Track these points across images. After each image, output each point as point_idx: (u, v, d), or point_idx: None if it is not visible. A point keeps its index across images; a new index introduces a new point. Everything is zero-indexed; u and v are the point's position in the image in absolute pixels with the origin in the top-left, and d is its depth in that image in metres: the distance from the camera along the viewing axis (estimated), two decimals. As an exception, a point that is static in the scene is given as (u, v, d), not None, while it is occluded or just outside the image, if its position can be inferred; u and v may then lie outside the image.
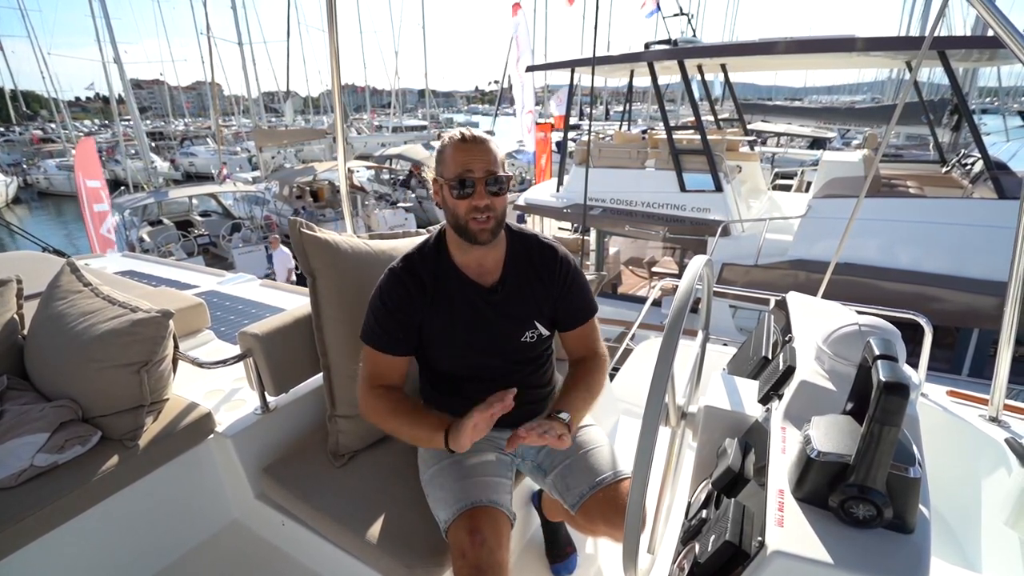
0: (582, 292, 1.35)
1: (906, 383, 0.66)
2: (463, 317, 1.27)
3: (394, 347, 1.27)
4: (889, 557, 0.70)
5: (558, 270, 1.32)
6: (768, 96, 49.34)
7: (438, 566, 1.21)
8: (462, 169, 1.14)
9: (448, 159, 1.17)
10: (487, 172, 1.15)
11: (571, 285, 1.33)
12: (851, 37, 6.75)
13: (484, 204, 1.15)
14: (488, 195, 1.16)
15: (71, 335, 1.47)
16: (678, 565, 0.90)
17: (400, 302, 1.24)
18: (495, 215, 1.18)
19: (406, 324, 1.26)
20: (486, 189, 1.15)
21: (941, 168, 7.84)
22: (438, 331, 1.28)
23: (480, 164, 1.15)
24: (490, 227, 1.18)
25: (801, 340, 1.15)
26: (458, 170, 1.15)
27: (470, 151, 1.15)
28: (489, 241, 1.20)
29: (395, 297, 1.24)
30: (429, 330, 1.28)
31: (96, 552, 1.41)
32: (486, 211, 1.16)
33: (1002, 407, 1.60)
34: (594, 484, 1.26)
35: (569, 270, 1.34)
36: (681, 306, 0.83)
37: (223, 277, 3.32)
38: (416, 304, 1.25)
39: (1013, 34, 1.21)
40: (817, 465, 0.76)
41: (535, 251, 1.33)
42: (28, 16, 27.60)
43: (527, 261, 1.31)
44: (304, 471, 1.50)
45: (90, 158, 9.44)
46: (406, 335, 1.27)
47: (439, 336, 1.28)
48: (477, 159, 1.15)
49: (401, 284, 1.25)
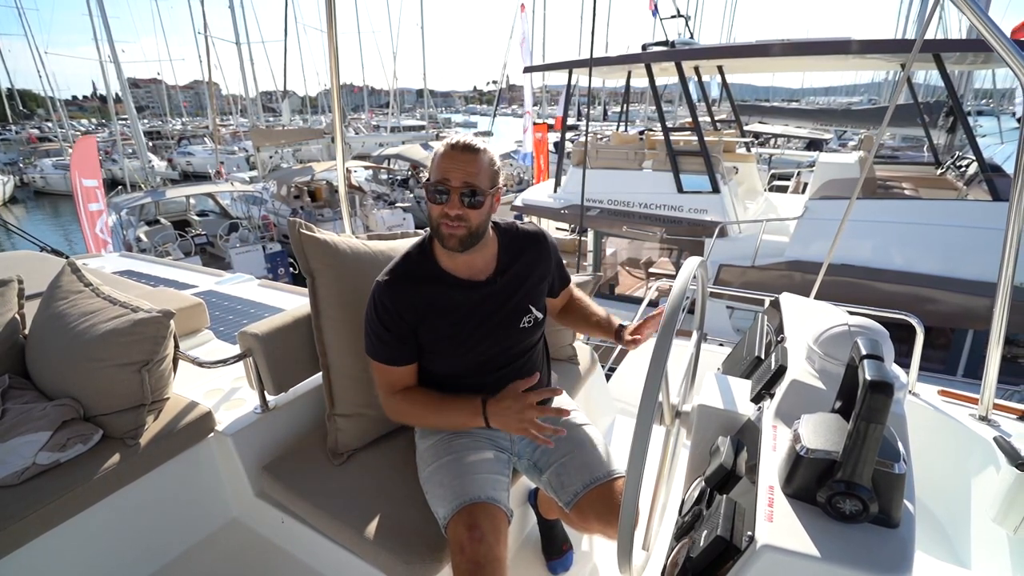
0: (561, 264, 1.52)
1: (891, 382, 0.68)
2: (456, 319, 1.29)
3: (398, 358, 1.30)
4: (875, 550, 0.72)
5: (548, 251, 1.44)
6: (765, 97, 49.42)
7: (437, 562, 1.23)
8: (441, 176, 1.17)
9: (435, 163, 1.20)
10: (464, 183, 1.17)
11: (557, 262, 1.49)
12: (846, 39, 6.78)
13: (455, 213, 1.18)
14: (461, 206, 1.17)
15: (72, 335, 1.48)
16: (672, 561, 0.92)
17: (392, 315, 1.26)
18: (468, 226, 1.19)
19: (403, 335, 1.28)
20: (460, 198, 1.17)
21: (936, 170, 7.89)
22: (434, 336, 1.29)
23: (459, 174, 1.16)
24: (459, 235, 1.20)
25: (793, 340, 1.17)
26: (438, 175, 1.18)
27: (454, 159, 1.17)
28: (458, 249, 1.22)
29: (387, 311, 1.27)
30: (425, 337, 1.30)
31: (97, 549, 1.42)
32: (457, 220, 1.18)
33: (992, 406, 1.63)
34: (588, 483, 1.28)
35: (554, 249, 1.47)
36: (675, 307, 0.85)
37: (222, 277, 3.33)
38: (407, 314, 1.27)
39: (1000, 37, 1.23)
40: (806, 462, 0.78)
41: (523, 240, 1.40)
42: (25, 15, 27.56)
43: (518, 251, 1.37)
44: (303, 469, 1.51)
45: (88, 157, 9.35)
46: (406, 345, 1.30)
47: (437, 341, 1.30)
48: (458, 168, 1.17)
49: (389, 297, 1.27)
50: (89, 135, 10.73)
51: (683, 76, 8.08)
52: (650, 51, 8.36)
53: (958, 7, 1.31)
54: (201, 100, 51.18)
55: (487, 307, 1.30)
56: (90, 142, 9.84)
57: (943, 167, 7.75)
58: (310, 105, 45.06)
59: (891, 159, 10.82)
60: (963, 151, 7.73)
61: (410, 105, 66.74)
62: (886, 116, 2.34)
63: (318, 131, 22.27)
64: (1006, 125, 11.69)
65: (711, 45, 9.81)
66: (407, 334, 1.28)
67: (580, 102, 18.30)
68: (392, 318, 1.26)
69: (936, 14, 2.30)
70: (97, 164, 9.57)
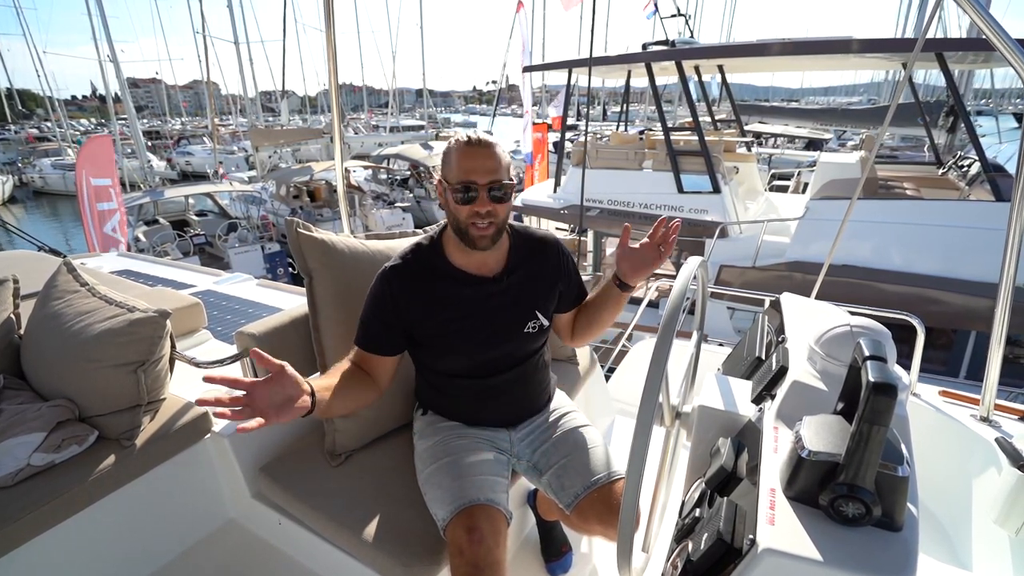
0: (578, 277, 1.45)
1: (894, 383, 0.67)
2: (463, 313, 1.27)
3: (376, 347, 1.27)
4: (877, 554, 0.71)
5: (560, 260, 1.38)
6: (765, 97, 49.46)
7: (435, 564, 1.22)
8: (466, 175, 1.14)
9: (453, 163, 1.17)
10: (491, 180, 1.15)
11: (571, 273, 1.42)
12: (847, 39, 6.77)
13: (486, 211, 1.16)
14: (491, 202, 1.16)
15: (68, 335, 1.47)
16: (672, 563, 0.91)
17: (386, 303, 1.25)
18: (496, 222, 1.19)
19: (392, 325, 1.26)
20: (489, 196, 1.15)
21: (938, 170, 7.88)
22: (436, 330, 1.28)
23: (484, 171, 1.14)
24: (490, 234, 1.19)
25: (794, 341, 1.16)
26: (462, 176, 1.15)
27: (475, 156, 1.15)
28: (489, 247, 1.21)
29: (384, 296, 1.25)
30: (425, 330, 1.28)
31: (93, 551, 1.41)
32: (488, 217, 1.17)
33: (993, 407, 1.62)
34: (589, 484, 1.27)
35: (568, 259, 1.41)
36: (675, 307, 0.84)
37: (220, 277, 3.32)
38: (403, 305, 1.25)
39: (1002, 36, 1.22)
40: (808, 464, 0.77)
41: (535, 243, 1.37)
42: (23, 14, 27.56)
43: (528, 253, 1.35)
44: (301, 470, 1.50)
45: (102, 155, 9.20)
46: (390, 336, 1.27)
47: (438, 335, 1.29)
48: (481, 165, 1.14)
49: (388, 284, 1.25)
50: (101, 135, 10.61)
51: (683, 75, 8.08)
52: (650, 50, 8.36)
53: (960, 6, 1.30)
54: (200, 100, 51.25)
55: (492, 305, 1.29)
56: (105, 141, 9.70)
57: (945, 167, 7.74)
58: (309, 105, 45.07)
59: (890, 159, 10.80)
60: (965, 151, 7.71)
61: (409, 105, 66.76)
62: (887, 115, 2.33)
63: (317, 131, 22.25)
64: (1005, 125, 11.69)
65: (712, 44, 9.80)
66: (393, 323, 1.25)
67: (580, 102, 18.31)
68: (387, 303, 1.25)
69: (936, 13, 2.29)
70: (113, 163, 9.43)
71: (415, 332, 1.28)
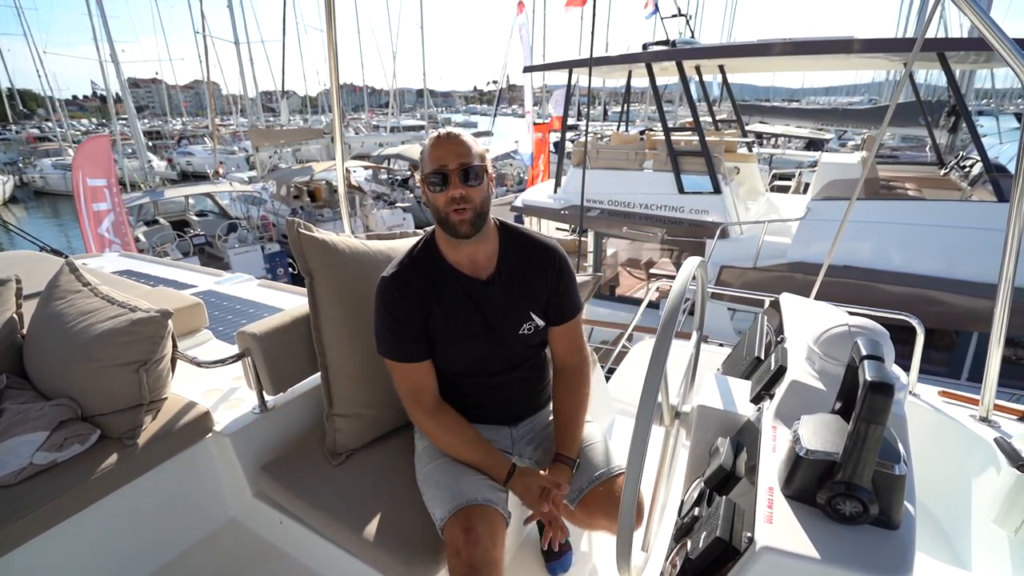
0: (572, 288, 1.40)
1: (891, 383, 0.67)
2: (462, 313, 1.29)
3: (415, 354, 1.30)
4: (875, 552, 0.71)
5: (552, 262, 1.36)
6: (765, 97, 49.42)
7: (435, 563, 1.23)
8: (436, 164, 1.19)
9: (427, 156, 1.22)
10: (461, 162, 1.19)
11: (564, 278, 1.37)
12: (848, 39, 6.75)
13: (459, 194, 1.19)
14: (463, 186, 1.19)
15: (70, 334, 1.48)
16: (671, 562, 0.92)
17: (403, 306, 1.27)
18: (472, 206, 1.21)
19: (417, 329, 1.28)
20: (461, 179, 1.19)
21: (939, 170, 7.86)
22: (439, 331, 1.29)
23: (454, 155, 1.19)
24: (469, 218, 1.21)
25: (793, 341, 1.16)
26: (433, 165, 1.20)
27: (445, 145, 1.20)
28: (470, 233, 1.23)
29: (397, 304, 1.27)
30: (430, 331, 1.30)
31: (95, 550, 1.42)
32: (463, 202, 1.19)
33: (992, 407, 1.62)
34: (593, 478, 1.29)
35: (563, 264, 1.38)
36: (674, 308, 0.84)
37: (221, 277, 3.32)
38: (417, 307, 1.27)
39: (999, 36, 1.23)
40: (805, 463, 0.77)
41: (529, 245, 1.36)
42: (24, 14, 27.59)
43: (521, 254, 1.35)
44: (302, 470, 1.51)
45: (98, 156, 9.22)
46: (420, 339, 1.29)
47: (440, 335, 1.30)
48: (451, 151, 1.19)
49: (398, 290, 1.27)
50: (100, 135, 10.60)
51: (684, 76, 8.06)
52: (651, 50, 8.34)
53: (959, 7, 1.30)
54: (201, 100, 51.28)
55: (488, 307, 1.31)
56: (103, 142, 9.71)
57: (947, 167, 7.72)
58: (310, 105, 45.10)
59: (891, 159, 10.78)
60: (966, 151, 7.69)
61: (410, 105, 66.82)
62: (887, 115, 2.33)
63: (317, 131, 22.27)
64: (1005, 125, 11.67)
65: (712, 44, 9.76)
66: (417, 327, 1.28)
67: (580, 102, 18.32)
68: (405, 309, 1.27)
69: (936, 13, 2.29)
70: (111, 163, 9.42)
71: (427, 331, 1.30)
